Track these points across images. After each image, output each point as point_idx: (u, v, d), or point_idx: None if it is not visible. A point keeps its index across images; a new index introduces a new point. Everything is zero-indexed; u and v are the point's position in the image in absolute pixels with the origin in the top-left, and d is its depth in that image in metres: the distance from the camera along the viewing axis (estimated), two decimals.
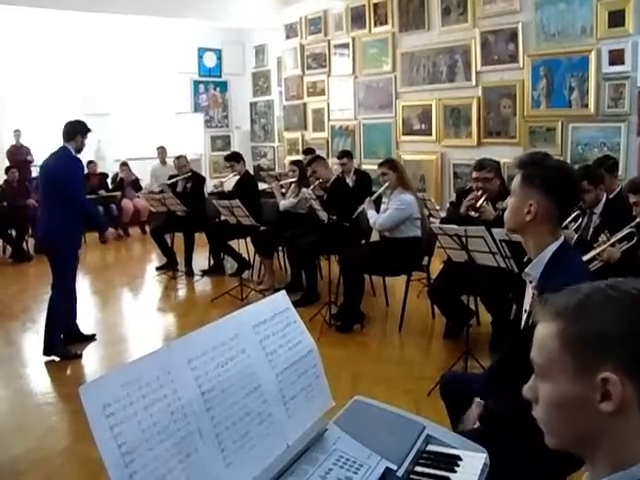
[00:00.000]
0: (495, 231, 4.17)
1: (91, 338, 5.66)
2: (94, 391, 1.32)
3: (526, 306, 2.45)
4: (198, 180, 8.53)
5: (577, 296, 1.06)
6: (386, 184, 5.80)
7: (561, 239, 2.33)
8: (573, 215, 4.61)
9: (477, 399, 2.59)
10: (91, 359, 5.34)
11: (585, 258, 4.08)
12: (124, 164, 11.58)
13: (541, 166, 2.32)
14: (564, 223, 3.71)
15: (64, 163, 5.18)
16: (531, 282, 2.39)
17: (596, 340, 1.00)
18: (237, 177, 7.80)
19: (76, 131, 5.28)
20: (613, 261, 4.20)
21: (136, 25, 11.98)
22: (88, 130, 5.38)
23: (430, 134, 9.09)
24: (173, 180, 8.53)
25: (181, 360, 1.51)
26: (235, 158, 7.84)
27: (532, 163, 2.35)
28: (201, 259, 8.39)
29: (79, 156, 5.37)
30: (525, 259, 2.45)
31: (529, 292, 2.42)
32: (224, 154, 9.10)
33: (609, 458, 1.02)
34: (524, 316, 2.45)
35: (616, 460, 1.01)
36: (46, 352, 5.19)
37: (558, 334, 1.05)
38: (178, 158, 8.65)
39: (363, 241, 6.68)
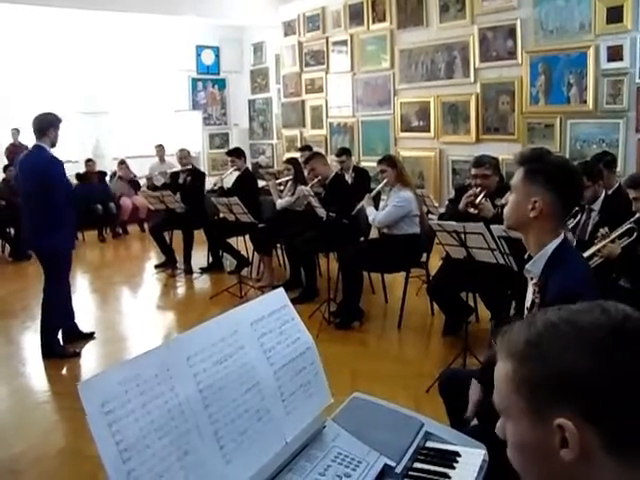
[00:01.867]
0: (494, 228, 4.16)
1: (90, 336, 5.65)
2: (92, 388, 1.32)
3: (527, 303, 2.44)
4: (199, 175, 8.52)
5: (529, 333, 0.96)
6: (385, 181, 5.80)
7: (562, 236, 2.31)
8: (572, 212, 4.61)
9: (475, 381, 2.59)
10: (90, 357, 5.34)
11: (585, 255, 4.08)
12: (122, 162, 11.57)
13: (543, 162, 2.30)
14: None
15: (41, 163, 4.95)
16: (532, 279, 2.37)
17: (548, 383, 0.91)
18: (237, 173, 7.79)
19: (48, 124, 4.99)
20: (613, 257, 4.20)
21: (134, 23, 11.97)
22: (59, 120, 5.09)
23: (428, 131, 9.09)
24: (176, 169, 8.55)
25: (179, 357, 1.50)
26: (236, 153, 7.84)
27: (534, 159, 2.32)
28: (200, 257, 8.38)
29: (54, 151, 5.12)
30: (525, 256, 2.43)
31: (530, 289, 2.41)
32: (223, 152, 9.13)
33: None
34: (525, 314, 2.45)
35: None
36: (45, 354, 5.17)
37: (510, 375, 0.97)
38: (181, 150, 8.66)
39: (362, 238, 6.67)
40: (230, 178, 7.97)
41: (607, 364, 0.88)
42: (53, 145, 5.08)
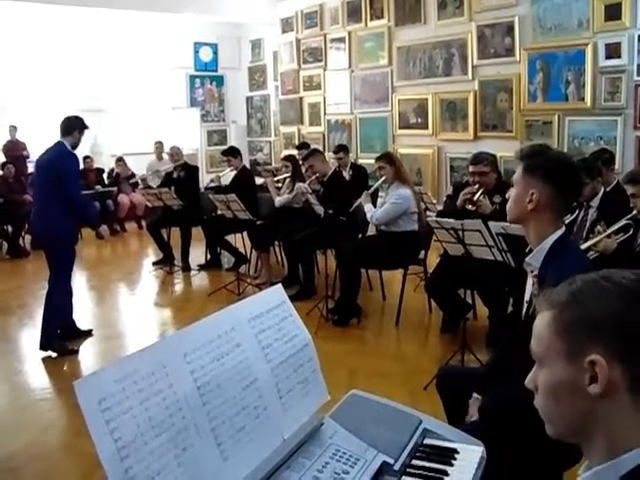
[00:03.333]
0: (492, 224, 4.16)
1: (88, 333, 5.65)
2: (89, 386, 1.32)
3: (527, 297, 2.45)
4: (191, 169, 8.50)
5: (571, 287, 1.09)
6: (383, 178, 5.79)
7: (562, 229, 2.34)
8: None
9: (475, 395, 2.59)
10: (88, 354, 5.34)
11: (581, 248, 4.09)
12: (120, 159, 11.56)
13: (543, 156, 2.34)
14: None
15: (61, 158, 5.15)
16: (532, 272, 2.39)
17: (586, 325, 1.03)
18: (234, 172, 7.78)
19: (73, 127, 5.26)
20: (609, 252, 4.21)
21: (132, 20, 11.95)
22: (86, 127, 5.36)
23: (426, 128, 9.08)
24: (168, 167, 8.56)
25: (176, 354, 1.50)
26: (232, 153, 7.83)
27: (534, 154, 2.37)
28: (198, 254, 8.38)
29: (75, 152, 5.33)
30: (527, 250, 2.45)
31: (530, 281, 2.42)
32: (221, 149, 9.12)
33: (603, 444, 1.04)
34: (525, 307, 2.45)
35: (610, 445, 1.03)
36: (42, 347, 5.18)
37: (551, 321, 1.09)
38: (171, 148, 8.69)
39: (360, 235, 6.67)
40: (228, 177, 7.96)
41: (636, 310, 1.01)
42: (74, 147, 5.30)
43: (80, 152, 5.89)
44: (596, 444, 1.05)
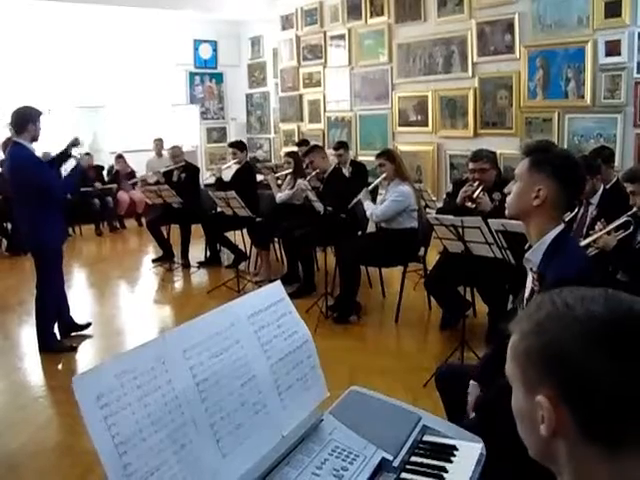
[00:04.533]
0: (491, 222, 4.16)
1: (86, 327, 5.62)
2: (87, 382, 1.31)
3: (526, 293, 2.45)
4: (192, 171, 8.50)
5: (538, 313, 1.01)
6: (383, 175, 5.78)
7: (561, 225, 2.34)
8: None
9: (473, 382, 2.60)
10: (87, 352, 5.34)
11: (581, 244, 4.09)
12: (120, 156, 11.56)
13: (550, 152, 2.34)
14: None
15: (24, 164, 4.85)
16: (532, 268, 2.38)
17: (538, 358, 0.97)
18: (237, 166, 7.76)
19: (26, 119, 4.86)
20: (608, 249, 4.21)
21: (131, 17, 11.95)
22: (39, 113, 4.94)
23: (426, 125, 9.07)
24: (168, 168, 8.53)
25: (176, 350, 1.50)
26: (239, 146, 7.82)
27: (540, 149, 2.36)
28: (197, 251, 8.38)
29: (34, 145, 4.99)
30: (526, 246, 2.44)
31: (530, 278, 2.42)
32: (220, 146, 9.11)
33: None
34: (524, 304, 2.45)
35: None
36: (42, 349, 5.17)
37: (512, 347, 1.04)
38: (172, 148, 8.65)
39: (359, 232, 6.67)
40: (228, 171, 7.95)
41: (592, 353, 0.91)
42: (34, 139, 4.95)
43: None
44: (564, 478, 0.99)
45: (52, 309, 5.26)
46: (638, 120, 6.68)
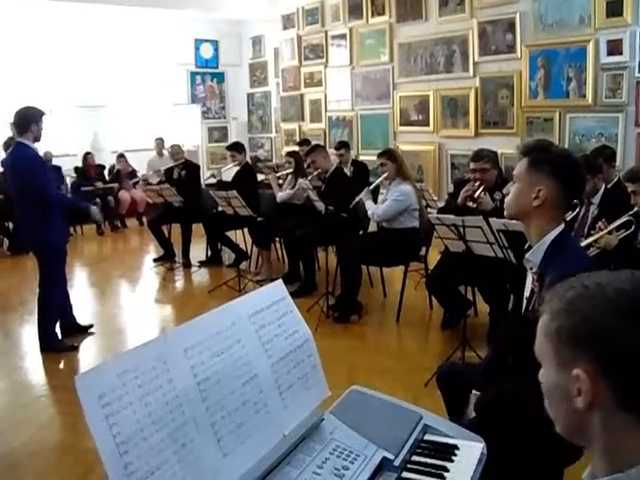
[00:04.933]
0: (493, 221, 4.16)
1: (88, 328, 5.63)
2: (89, 381, 1.31)
3: (526, 293, 2.44)
4: (192, 168, 8.50)
5: (567, 293, 1.07)
6: (384, 174, 5.78)
7: (562, 226, 2.32)
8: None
9: (474, 392, 2.59)
10: (88, 351, 5.34)
11: (582, 244, 4.09)
12: (121, 156, 11.55)
13: (548, 152, 2.32)
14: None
15: (25, 163, 4.87)
16: (532, 268, 2.37)
17: (574, 336, 1.02)
18: (237, 167, 7.76)
19: (29, 120, 4.89)
20: (610, 248, 4.21)
21: (133, 16, 11.95)
22: (42, 113, 4.98)
23: (427, 125, 9.07)
24: (169, 165, 8.55)
25: (177, 349, 1.50)
26: (237, 148, 7.80)
27: (539, 149, 2.34)
28: (198, 250, 8.38)
29: (37, 145, 5.05)
30: (526, 246, 2.43)
31: (530, 278, 2.41)
32: (221, 145, 9.11)
33: (603, 454, 1.03)
34: (524, 303, 2.44)
35: (609, 457, 1.02)
36: (43, 348, 5.17)
37: (543, 325, 1.09)
38: (172, 146, 8.67)
39: (361, 232, 6.66)
40: (229, 172, 7.95)
41: (626, 327, 0.98)
42: (37, 140, 4.99)
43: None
44: (596, 452, 1.04)
45: (54, 308, 5.26)
46: (639, 119, 6.68)
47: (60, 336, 5.34)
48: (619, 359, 0.97)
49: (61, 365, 5.03)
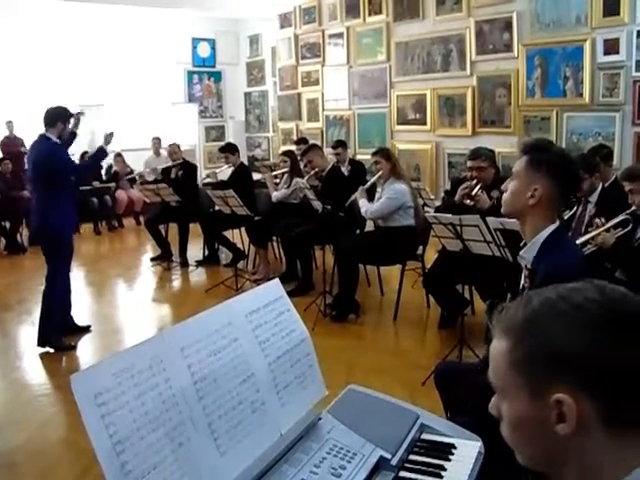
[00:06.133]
0: (490, 220, 4.16)
1: (86, 329, 5.64)
2: (85, 380, 1.31)
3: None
4: (190, 168, 8.50)
5: (526, 310, 0.99)
6: (379, 173, 5.79)
7: (557, 223, 2.33)
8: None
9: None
10: (86, 350, 5.34)
11: (579, 241, 4.10)
12: (118, 155, 11.54)
13: (547, 151, 2.34)
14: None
15: (46, 151, 5.12)
16: (526, 266, 2.39)
17: (546, 358, 0.94)
18: (231, 169, 7.76)
19: (57, 118, 5.19)
20: (606, 247, 4.22)
21: (130, 15, 11.94)
22: (70, 115, 5.31)
23: (425, 124, 9.07)
24: (166, 165, 8.55)
25: (173, 348, 1.50)
26: (230, 149, 7.80)
27: (538, 148, 2.36)
28: (196, 249, 8.38)
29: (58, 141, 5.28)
30: (521, 244, 2.44)
31: (524, 275, 2.42)
32: (219, 144, 9.10)
33: (581, 474, 0.96)
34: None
35: (590, 475, 0.95)
36: (40, 343, 5.17)
37: (508, 352, 0.99)
38: (170, 146, 8.68)
39: (358, 231, 6.67)
40: (225, 173, 7.95)
41: (603, 341, 0.90)
42: (60, 138, 5.25)
43: (78, 148, 5.89)
44: (571, 475, 0.97)
45: (59, 304, 5.31)
46: (637, 119, 6.69)
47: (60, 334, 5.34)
48: (599, 375, 0.90)
49: (59, 364, 5.03)
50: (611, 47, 6.76)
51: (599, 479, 0.94)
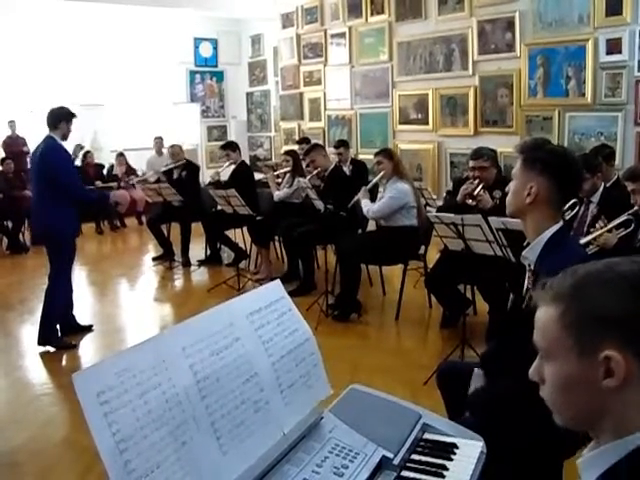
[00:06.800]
0: (492, 219, 4.15)
1: (88, 329, 5.65)
2: (88, 379, 1.31)
3: (524, 291, 2.45)
4: (192, 169, 8.50)
5: (573, 278, 1.10)
6: (381, 173, 5.78)
7: (560, 223, 2.34)
8: (570, 203, 4.61)
9: (477, 369, 2.60)
10: (88, 349, 5.35)
11: (581, 242, 4.09)
12: (120, 155, 11.55)
13: (542, 150, 2.35)
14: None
15: (50, 153, 5.12)
16: (529, 265, 2.39)
17: (595, 321, 1.04)
18: (233, 166, 7.75)
19: (59, 118, 5.21)
20: (609, 247, 4.21)
21: (132, 15, 11.95)
22: (72, 115, 5.31)
23: (427, 123, 9.06)
24: (169, 167, 8.54)
25: (176, 348, 1.50)
26: (231, 147, 7.80)
27: (533, 147, 2.37)
28: (198, 249, 8.39)
29: (65, 143, 5.34)
30: (525, 243, 2.45)
31: (526, 275, 2.42)
32: (220, 144, 9.08)
33: (613, 430, 1.06)
34: (525, 302, 2.45)
35: (619, 428, 1.06)
36: (41, 342, 5.18)
37: (559, 317, 1.09)
38: (172, 146, 8.66)
39: (360, 230, 6.67)
40: (227, 172, 7.95)
41: None
42: (64, 138, 5.29)
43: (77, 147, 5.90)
44: (606, 429, 1.08)
45: (61, 303, 5.32)
46: (639, 118, 6.68)
47: (60, 334, 5.34)
48: None
49: (61, 364, 5.04)
50: (613, 47, 6.75)
51: (635, 427, 1.04)
